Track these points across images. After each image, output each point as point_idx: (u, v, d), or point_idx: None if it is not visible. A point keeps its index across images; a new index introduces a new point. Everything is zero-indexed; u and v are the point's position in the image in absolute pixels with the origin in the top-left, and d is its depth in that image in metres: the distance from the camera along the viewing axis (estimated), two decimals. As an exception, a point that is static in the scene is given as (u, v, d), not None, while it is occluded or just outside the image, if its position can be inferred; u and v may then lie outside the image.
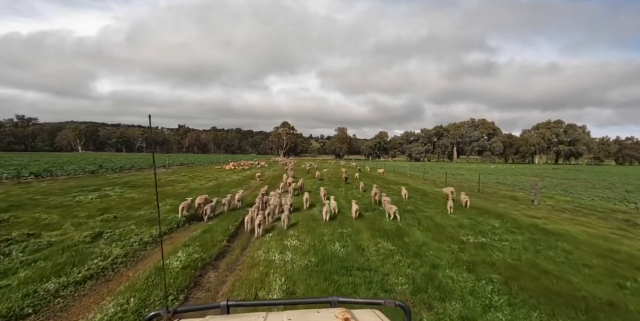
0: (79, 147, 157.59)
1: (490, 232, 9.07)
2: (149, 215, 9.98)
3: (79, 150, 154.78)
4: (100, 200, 12.66)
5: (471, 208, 12.97)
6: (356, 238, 7.95)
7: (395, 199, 14.89)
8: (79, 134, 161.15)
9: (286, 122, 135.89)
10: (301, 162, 64.86)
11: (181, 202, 10.46)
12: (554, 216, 12.55)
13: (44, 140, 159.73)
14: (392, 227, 9.29)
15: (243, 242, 7.81)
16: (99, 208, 10.85)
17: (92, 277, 5.38)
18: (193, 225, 9.45)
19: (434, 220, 10.47)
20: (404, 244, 7.53)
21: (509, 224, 10.17)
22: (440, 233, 8.76)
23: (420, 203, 14.18)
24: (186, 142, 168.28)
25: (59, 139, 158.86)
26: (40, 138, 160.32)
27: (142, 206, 11.48)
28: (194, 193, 15.57)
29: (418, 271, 5.85)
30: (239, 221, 9.77)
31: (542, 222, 10.87)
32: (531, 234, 9.03)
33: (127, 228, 8.28)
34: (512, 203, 15.98)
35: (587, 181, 33.78)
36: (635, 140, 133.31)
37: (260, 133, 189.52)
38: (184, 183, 20.06)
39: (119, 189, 15.72)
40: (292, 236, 8.05)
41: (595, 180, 36.01)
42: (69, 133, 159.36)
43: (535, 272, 6.00)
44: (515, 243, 7.96)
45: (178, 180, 22.20)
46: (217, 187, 18.00)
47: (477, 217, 11.03)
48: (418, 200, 14.87)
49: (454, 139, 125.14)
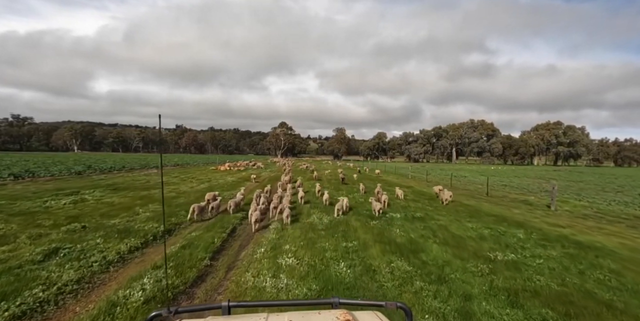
0: (75, 147, 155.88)
1: (516, 245, 7.84)
2: (124, 224, 8.67)
3: (74, 149, 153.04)
4: (73, 205, 11.33)
5: (487, 215, 11.76)
6: (364, 255, 6.69)
7: (402, 204, 13.66)
8: (75, 134, 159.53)
9: (284, 122, 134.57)
10: (298, 162, 63.60)
11: (165, 207, 9.15)
12: (578, 224, 11.36)
13: (39, 140, 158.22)
14: (403, 238, 8.04)
15: (229, 259, 6.53)
16: (68, 216, 9.53)
17: (22, 316, 4.09)
18: (173, 236, 8.17)
19: (449, 229, 9.23)
20: (421, 263, 6.28)
21: (534, 235, 8.95)
22: (461, 247, 7.52)
23: (429, 208, 12.94)
24: (183, 142, 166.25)
25: (55, 139, 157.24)
26: (36, 138, 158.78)
27: (119, 213, 10.17)
28: (182, 196, 14.28)
29: (447, 304, 4.59)
30: (227, 231, 8.50)
31: (569, 232, 9.65)
32: (563, 248, 7.82)
33: (92, 242, 6.97)
34: (527, 208, 14.78)
35: (594, 183, 32.71)
36: (634, 141, 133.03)
37: (258, 134, 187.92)
38: (174, 185, 18.74)
39: (100, 192, 14.38)
40: (287, 252, 6.78)
41: (602, 182, 34.97)
42: (65, 132, 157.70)
43: (592, 304, 4.76)
44: (551, 261, 6.74)
45: (168, 181, 20.86)
46: (208, 190, 16.66)
47: (497, 226, 9.80)
48: (426, 205, 13.63)
49: (453, 140, 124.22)
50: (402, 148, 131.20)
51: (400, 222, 9.95)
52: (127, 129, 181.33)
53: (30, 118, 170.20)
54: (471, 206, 14.07)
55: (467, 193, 20.33)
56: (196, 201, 12.63)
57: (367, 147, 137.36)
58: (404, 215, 11.12)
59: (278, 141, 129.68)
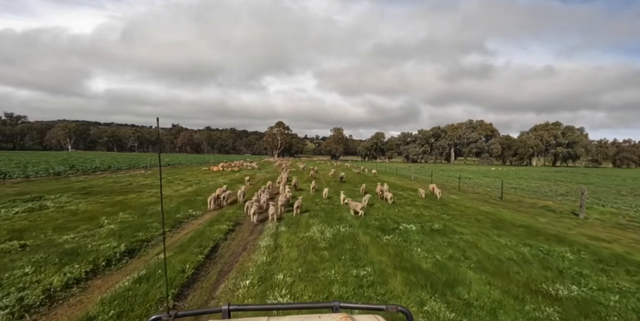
0: (69, 146, 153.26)
1: (571, 271, 6.17)
2: (76, 242, 6.90)
3: (68, 148, 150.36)
4: (27, 214, 9.52)
5: (515, 226, 10.11)
6: (383, 290, 4.98)
7: (414, 212, 11.98)
8: (69, 133, 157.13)
9: (280, 122, 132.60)
10: (295, 162, 61.89)
11: (137, 217, 7.41)
12: (620, 236, 9.73)
13: (32, 139, 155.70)
14: (429, 262, 6.32)
15: (200, 299, 4.79)
16: (13, 229, 7.75)
17: None
18: (136, 257, 6.41)
19: (479, 247, 7.55)
20: (464, 304, 4.58)
21: (583, 254, 7.30)
22: (504, 274, 5.84)
23: (445, 216, 11.26)
24: (178, 142, 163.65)
25: (48, 137, 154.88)
26: (29, 137, 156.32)
27: (78, 225, 8.39)
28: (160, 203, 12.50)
29: None
30: (205, 251, 6.76)
31: (622, 250, 8.00)
32: (630, 274, 6.17)
33: (18, 272, 5.20)
34: (552, 216, 13.18)
35: (604, 186, 31.29)
36: (632, 142, 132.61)
37: (255, 133, 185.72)
38: (157, 188, 16.95)
39: (67, 197, 12.54)
40: (280, 285, 5.07)
41: (611, 184, 33.59)
42: (58, 131, 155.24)
43: None
44: (629, 297, 5.07)
45: (152, 184, 19.05)
46: (193, 194, 14.89)
47: (535, 242, 8.14)
48: (441, 213, 11.95)
49: (452, 140, 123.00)
50: (401, 148, 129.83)
51: (418, 237, 8.26)
52: (122, 128, 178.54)
53: (24, 116, 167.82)
54: (491, 214, 12.42)
55: (478, 197, 18.72)
56: (176, 210, 10.91)
57: (365, 147, 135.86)
58: (419, 226, 9.43)
59: (275, 141, 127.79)
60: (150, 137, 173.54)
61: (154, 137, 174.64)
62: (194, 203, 12.24)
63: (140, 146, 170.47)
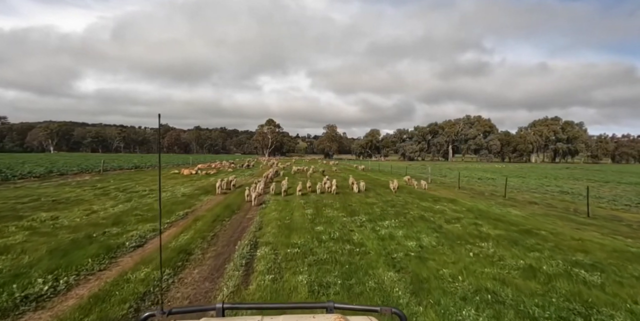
0: (51, 147, 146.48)
1: None
2: None
3: (50, 150, 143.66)
4: None
5: None
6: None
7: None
8: (51, 133, 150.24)
9: (271, 120, 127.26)
10: (283, 162, 57.14)
11: None
12: None
13: (13, 140, 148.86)
14: None
15: None
16: None
17: None
18: None
19: None
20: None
21: None
22: None
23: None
24: (165, 142, 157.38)
25: (29, 139, 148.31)
26: (9, 138, 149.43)
27: None
28: (61, 231, 7.56)
29: None
30: None
31: None
32: None
33: None
34: None
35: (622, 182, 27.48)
36: (631, 137, 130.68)
37: (245, 133, 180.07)
38: (85, 204, 11.95)
39: None
40: None
41: (624, 181, 29.86)
42: (39, 132, 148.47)
43: None
44: None
45: (79, 196, 13.93)
46: (123, 215, 9.96)
47: None
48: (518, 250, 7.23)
49: (449, 137, 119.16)
50: (397, 146, 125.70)
51: None
52: (107, 128, 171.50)
53: (4, 117, 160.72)
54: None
55: (552, 211, 14.01)
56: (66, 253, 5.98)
57: (360, 145, 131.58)
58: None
59: (265, 140, 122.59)
60: (137, 137, 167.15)
61: (141, 137, 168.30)
62: (113, 235, 7.34)
63: (126, 147, 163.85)
